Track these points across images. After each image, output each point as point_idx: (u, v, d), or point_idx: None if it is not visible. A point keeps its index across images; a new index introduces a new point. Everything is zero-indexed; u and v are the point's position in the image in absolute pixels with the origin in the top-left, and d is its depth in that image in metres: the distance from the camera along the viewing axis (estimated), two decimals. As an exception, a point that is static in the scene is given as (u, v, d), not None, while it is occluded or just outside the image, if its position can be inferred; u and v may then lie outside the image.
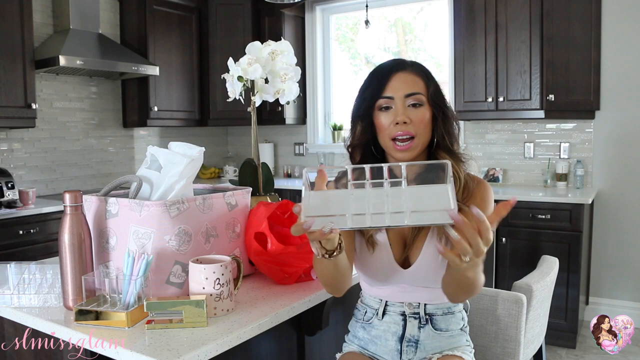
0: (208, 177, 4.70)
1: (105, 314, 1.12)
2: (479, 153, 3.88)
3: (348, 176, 0.96)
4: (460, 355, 1.30)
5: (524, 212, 3.20)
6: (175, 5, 4.17)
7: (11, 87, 3.12)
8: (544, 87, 3.27)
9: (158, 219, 1.24)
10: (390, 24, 4.49)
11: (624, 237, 3.43)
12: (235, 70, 1.66)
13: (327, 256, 1.07)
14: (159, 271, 1.25)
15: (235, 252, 1.43)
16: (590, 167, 3.54)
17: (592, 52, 3.35)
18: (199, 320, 1.12)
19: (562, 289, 3.03)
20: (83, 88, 3.89)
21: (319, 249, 1.06)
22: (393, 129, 1.23)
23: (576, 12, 3.30)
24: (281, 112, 4.39)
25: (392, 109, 1.24)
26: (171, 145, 1.40)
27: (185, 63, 4.30)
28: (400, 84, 1.25)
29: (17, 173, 3.47)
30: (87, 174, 3.94)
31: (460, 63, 3.57)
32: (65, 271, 1.22)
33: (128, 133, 4.26)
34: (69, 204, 1.21)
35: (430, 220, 0.92)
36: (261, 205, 1.48)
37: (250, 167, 1.76)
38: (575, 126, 3.58)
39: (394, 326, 1.33)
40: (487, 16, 3.44)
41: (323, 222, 0.92)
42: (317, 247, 1.06)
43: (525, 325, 1.51)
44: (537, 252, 3.11)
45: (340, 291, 1.25)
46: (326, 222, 0.92)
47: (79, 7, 3.58)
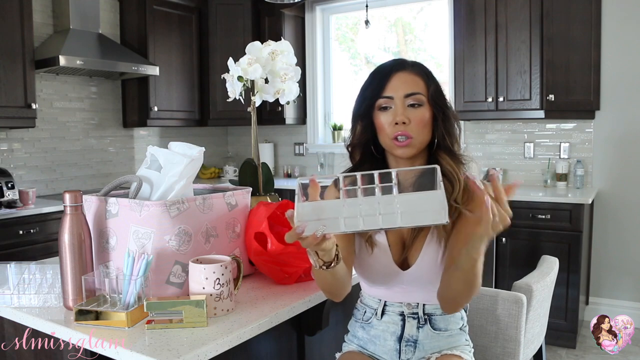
0: (208, 177, 4.70)
1: (105, 314, 1.12)
2: (479, 153, 3.88)
3: (340, 184, 0.97)
4: (459, 354, 1.30)
5: (524, 212, 3.19)
6: (175, 5, 4.17)
7: (11, 87, 3.12)
8: (544, 87, 3.27)
9: (158, 219, 1.24)
10: (390, 24, 4.49)
11: (624, 237, 3.43)
12: (235, 70, 1.66)
13: (324, 268, 1.09)
14: (159, 271, 1.25)
15: (235, 252, 1.43)
16: (590, 167, 3.54)
17: (592, 52, 3.35)
18: (199, 320, 1.12)
19: (562, 289, 3.03)
20: (83, 88, 3.89)
21: (316, 260, 1.08)
22: (392, 129, 1.24)
23: (576, 12, 3.30)
24: (281, 112, 4.39)
25: (392, 109, 1.25)
26: (171, 145, 1.40)
27: (185, 63, 4.30)
28: (400, 83, 1.25)
29: (17, 173, 3.47)
30: (87, 174, 3.94)
31: (460, 63, 3.57)
32: (65, 271, 1.22)
33: (128, 133, 4.26)
34: (69, 204, 1.21)
35: (423, 221, 0.93)
36: (261, 205, 1.48)
37: (250, 167, 1.76)
38: (575, 126, 3.58)
39: (392, 326, 1.33)
40: (487, 16, 3.44)
41: (316, 226, 0.93)
42: (315, 259, 1.08)
43: (525, 325, 1.51)
44: (537, 252, 3.11)
45: (339, 297, 1.25)
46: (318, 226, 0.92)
47: (79, 7, 3.58)
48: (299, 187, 0.98)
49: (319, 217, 0.94)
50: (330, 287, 1.21)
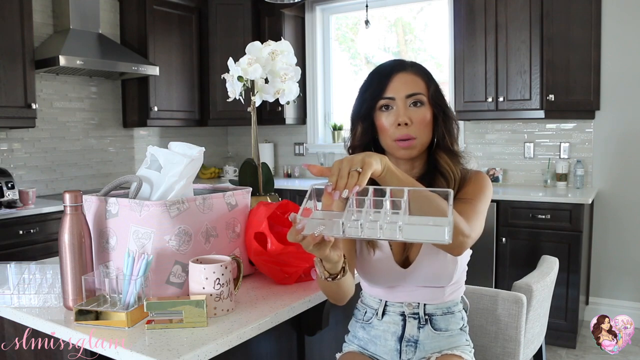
0: (208, 177, 4.70)
1: (105, 314, 1.12)
2: (479, 153, 3.88)
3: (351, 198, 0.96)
4: (459, 354, 1.30)
5: (524, 212, 3.20)
6: (175, 5, 4.17)
7: (11, 87, 3.12)
8: (544, 87, 3.27)
9: (158, 219, 1.24)
10: (390, 24, 4.49)
11: (624, 237, 3.43)
12: (235, 70, 1.66)
13: (330, 279, 1.11)
14: (159, 271, 1.24)
15: (235, 252, 1.43)
16: (590, 167, 3.54)
17: (592, 52, 3.35)
18: (199, 320, 1.12)
19: (562, 289, 3.03)
20: (83, 88, 3.89)
21: (322, 272, 1.10)
22: (395, 131, 1.24)
23: (576, 12, 3.30)
24: (281, 112, 4.39)
25: (393, 110, 1.25)
26: (171, 145, 1.39)
27: (185, 63, 4.30)
28: (401, 84, 1.25)
29: (17, 173, 3.47)
30: (87, 174, 3.94)
31: (460, 63, 3.57)
32: (65, 271, 1.22)
33: (128, 133, 4.26)
34: (69, 204, 1.21)
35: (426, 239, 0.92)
36: (261, 205, 1.48)
37: (250, 167, 1.76)
38: (575, 126, 3.58)
39: (393, 326, 1.33)
40: (487, 16, 3.44)
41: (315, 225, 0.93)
42: (321, 270, 1.10)
43: (525, 325, 1.51)
44: (537, 252, 3.11)
45: (342, 302, 1.26)
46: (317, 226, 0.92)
47: (79, 7, 3.58)
48: (313, 192, 0.98)
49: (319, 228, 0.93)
50: (335, 294, 1.22)
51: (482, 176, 1.29)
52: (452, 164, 1.27)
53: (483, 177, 1.29)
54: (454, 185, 1.25)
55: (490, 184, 1.29)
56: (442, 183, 1.25)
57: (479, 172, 1.31)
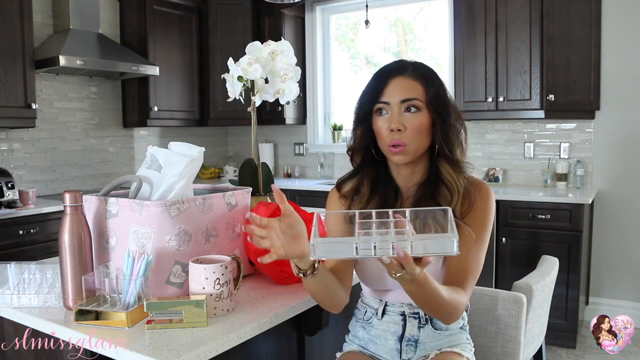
0: (208, 177, 4.70)
1: (105, 314, 1.12)
2: (479, 153, 3.88)
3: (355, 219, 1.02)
4: (459, 352, 1.30)
5: (524, 212, 3.20)
6: (175, 5, 4.17)
7: (11, 87, 3.12)
8: (544, 87, 3.27)
9: (158, 219, 1.24)
10: (390, 24, 4.49)
11: (624, 237, 3.43)
12: (235, 70, 1.66)
13: (301, 275, 1.12)
14: (159, 271, 1.25)
15: (235, 252, 1.43)
16: (590, 167, 3.54)
17: (592, 52, 3.35)
18: (199, 320, 1.12)
19: (562, 289, 3.03)
20: (83, 88, 3.89)
21: (293, 267, 1.13)
22: (388, 135, 1.23)
23: (576, 12, 3.30)
24: (281, 112, 4.39)
25: (388, 114, 1.24)
26: (171, 145, 1.40)
27: (185, 63, 4.30)
28: (396, 89, 1.23)
29: (17, 173, 3.47)
30: (87, 174, 3.94)
31: (460, 63, 3.57)
32: (65, 271, 1.22)
33: (128, 133, 4.26)
34: (69, 204, 1.21)
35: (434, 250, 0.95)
36: (261, 205, 1.48)
37: (250, 167, 1.76)
38: (575, 126, 3.58)
39: (393, 326, 1.33)
40: (487, 16, 3.44)
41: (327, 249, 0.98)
42: (292, 265, 1.13)
43: (525, 325, 1.51)
44: (537, 252, 3.11)
45: (333, 308, 1.25)
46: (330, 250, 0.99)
47: (79, 7, 3.58)
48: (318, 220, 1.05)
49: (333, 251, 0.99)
50: (323, 298, 1.22)
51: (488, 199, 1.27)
52: (454, 174, 1.24)
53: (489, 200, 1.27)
54: (457, 201, 1.23)
55: (494, 199, 1.29)
56: (446, 193, 1.23)
57: (483, 189, 1.27)
